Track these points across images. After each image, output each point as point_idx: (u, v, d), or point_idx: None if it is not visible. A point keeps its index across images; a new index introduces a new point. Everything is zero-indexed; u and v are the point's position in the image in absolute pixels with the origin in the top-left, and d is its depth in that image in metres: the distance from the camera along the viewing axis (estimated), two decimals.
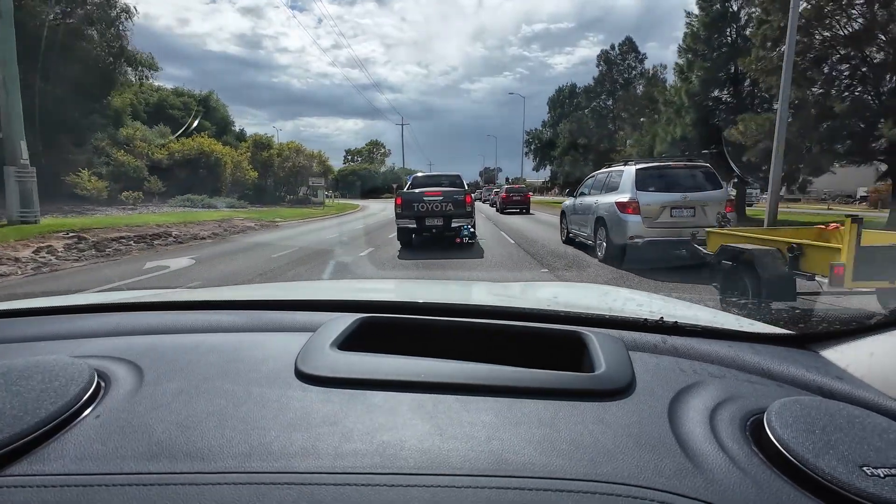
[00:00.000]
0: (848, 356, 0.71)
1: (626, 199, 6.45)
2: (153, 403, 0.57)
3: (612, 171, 7.62)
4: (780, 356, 0.73)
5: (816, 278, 3.35)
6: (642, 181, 6.50)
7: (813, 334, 0.80)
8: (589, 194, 8.19)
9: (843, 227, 3.20)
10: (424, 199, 8.50)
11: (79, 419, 0.53)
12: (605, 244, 6.97)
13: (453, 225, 8.52)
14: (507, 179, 74.43)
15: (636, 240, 6.24)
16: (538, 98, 79.78)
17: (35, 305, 1.05)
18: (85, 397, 0.56)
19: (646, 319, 0.84)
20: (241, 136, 38.46)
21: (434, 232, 8.71)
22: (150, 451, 0.48)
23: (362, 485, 0.43)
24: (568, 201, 9.57)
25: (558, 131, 42.81)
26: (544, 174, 55.61)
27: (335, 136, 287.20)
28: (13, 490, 0.42)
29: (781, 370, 0.69)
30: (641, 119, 23.80)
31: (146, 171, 22.21)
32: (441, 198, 8.51)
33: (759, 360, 0.72)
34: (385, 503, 0.41)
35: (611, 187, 7.22)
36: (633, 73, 33.22)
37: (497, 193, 27.64)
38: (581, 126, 34.67)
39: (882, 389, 0.62)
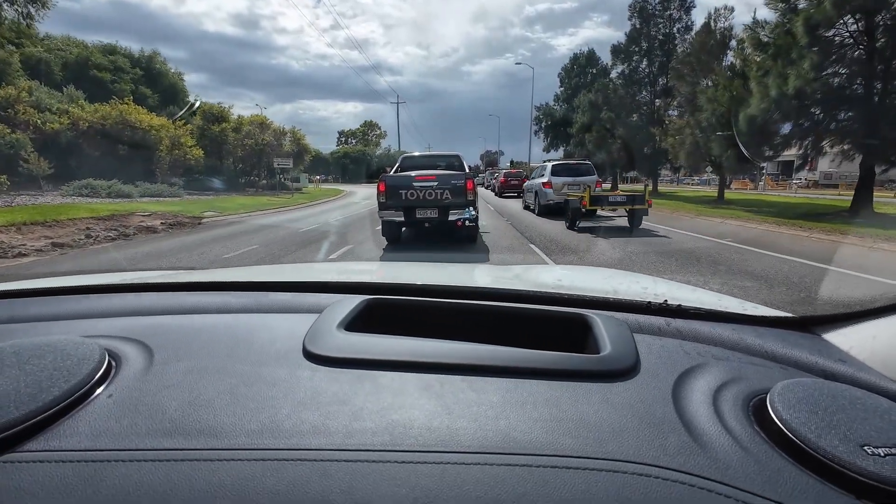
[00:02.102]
0: (851, 339, 0.71)
1: (546, 180, 12.42)
2: (164, 382, 0.57)
3: (543, 165, 14.20)
4: (783, 339, 0.73)
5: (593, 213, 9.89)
6: (555, 171, 12.68)
7: (816, 317, 0.80)
8: (533, 178, 14.64)
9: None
10: (415, 184, 6.86)
11: (91, 398, 0.54)
12: (537, 205, 12.96)
13: (451, 217, 6.92)
14: (511, 162, 68.62)
15: (550, 201, 12.08)
16: (540, 81, 73.16)
17: (43, 286, 1.01)
18: (97, 376, 0.56)
19: (650, 302, 0.85)
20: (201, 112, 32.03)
21: (427, 226, 7.33)
22: (163, 428, 0.49)
23: (373, 461, 0.44)
24: (526, 184, 15.67)
25: (575, 105, 36.47)
26: (556, 156, 49.37)
27: (334, 119, 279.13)
28: (32, 465, 0.43)
29: (784, 353, 0.69)
30: (706, 81, 17.71)
31: (30, 146, 16.30)
32: (436, 183, 6.87)
33: (763, 342, 0.72)
34: (396, 479, 0.42)
35: (541, 174, 13.54)
36: (678, 26, 26.45)
37: (497, 178, 26.98)
38: (608, 96, 28.39)
39: (884, 372, 0.62)
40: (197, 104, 28.23)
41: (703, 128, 17.30)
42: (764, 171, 35.41)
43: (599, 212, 10.09)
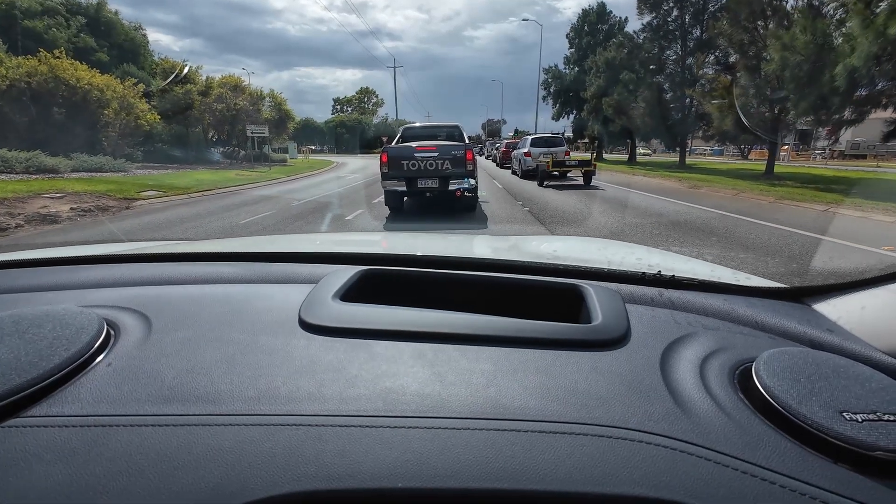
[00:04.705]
0: (840, 309, 0.72)
1: (526, 150, 15.57)
2: (162, 351, 0.58)
3: (525, 139, 17.64)
4: (773, 309, 0.74)
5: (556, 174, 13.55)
6: (533, 142, 15.88)
7: (807, 288, 0.80)
8: (518, 149, 17.44)
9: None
10: (416, 155, 6.91)
11: (91, 366, 0.54)
12: (520, 170, 16.06)
13: (451, 187, 7.02)
14: (515, 131, 64.85)
15: (529, 167, 14.70)
16: (546, 47, 67.12)
17: (41, 256, 1.02)
18: (96, 345, 0.56)
19: (644, 273, 0.85)
20: (161, 70, 27.75)
21: (428, 196, 7.33)
22: (162, 395, 0.50)
23: (366, 426, 0.45)
24: (512, 153, 18.41)
25: (587, 66, 32.61)
26: (566, 124, 45.39)
27: (333, 87, 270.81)
28: (36, 430, 0.44)
29: (774, 322, 0.70)
30: (769, 25, 14.31)
31: None
32: (436, 154, 6.90)
33: (753, 312, 0.72)
34: (388, 443, 0.43)
35: (522, 145, 16.82)
36: None
37: (498, 148, 25.71)
38: (631, 52, 24.75)
39: (870, 341, 0.63)
40: (186, 69, 24.60)
41: (759, 86, 14.09)
42: (787, 141, 32.02)
43: (569, 174, 13.86)
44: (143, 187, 12.23)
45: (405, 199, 7.67)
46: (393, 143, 7.95)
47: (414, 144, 7.28)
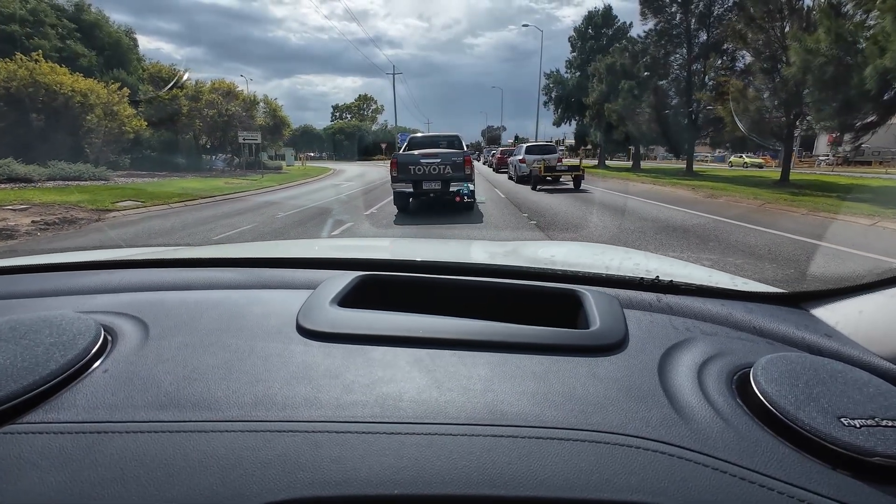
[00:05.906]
0: (838, 314, 0.71)
1: (521, 157, 16.61)
2: (159, 357, 0.58)
3: (520, 146, 19.32)
4: (771, 314, 0.73)
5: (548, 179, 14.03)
6: (528, 149, 17.23)
7: (805, 293, 0.79)
8: (514, 156, 18.77)
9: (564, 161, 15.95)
10: (421, 161, 7.99)
11: (88, 372, 0.54)
12: (515, 175, 16.97)
13: (452, 189, 8.06)
14: (515, 138, 64.27)
15: (523, 173, 15.76)
16: (546, 53, 65.95)
17: (39, 262, 1.01)
18: (93, 351, 0.56)
19: (642, 278, 0.84)
20: (148, 75, 26.74)
21: (432, 196, 8.37)
22: (158, 401, 0.49)
23: (363, 433, 0.45)
24: (509, 160, 19.84)
25: (590, 72, 31.91)
26: (567, 130, 44.61)
27: (333, 94, 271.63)
28: (32, 436, 0.44)
29: (772, 328, 0.69)
30: (786, 25, 13.58)
31: None
32: (439, 160, 7.98)
33: (751, 318, 0.72)
34: (384, 450, 0.43)
35: (518, 152, 18.10)
36: None
37: (494, 155, 26.80)
38: (636, 56, 24.02)
39: (867, 346, 0.63)
40: (185, 76, 23.97)
41: (776, 90, 13.35)
42: (792, 147, 31.27)
43: (562, 179, 14.33)
44: (120, 197, 11.42)
45: (410, 199, 8.61)
46: (401, 151, 9.01)
47: (418, 152, 8.27)
